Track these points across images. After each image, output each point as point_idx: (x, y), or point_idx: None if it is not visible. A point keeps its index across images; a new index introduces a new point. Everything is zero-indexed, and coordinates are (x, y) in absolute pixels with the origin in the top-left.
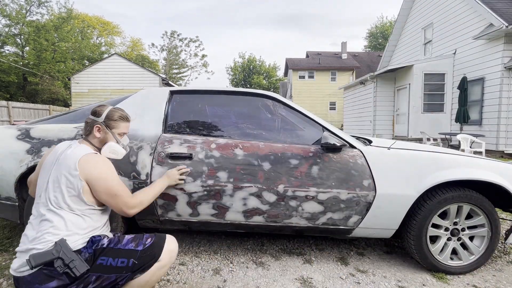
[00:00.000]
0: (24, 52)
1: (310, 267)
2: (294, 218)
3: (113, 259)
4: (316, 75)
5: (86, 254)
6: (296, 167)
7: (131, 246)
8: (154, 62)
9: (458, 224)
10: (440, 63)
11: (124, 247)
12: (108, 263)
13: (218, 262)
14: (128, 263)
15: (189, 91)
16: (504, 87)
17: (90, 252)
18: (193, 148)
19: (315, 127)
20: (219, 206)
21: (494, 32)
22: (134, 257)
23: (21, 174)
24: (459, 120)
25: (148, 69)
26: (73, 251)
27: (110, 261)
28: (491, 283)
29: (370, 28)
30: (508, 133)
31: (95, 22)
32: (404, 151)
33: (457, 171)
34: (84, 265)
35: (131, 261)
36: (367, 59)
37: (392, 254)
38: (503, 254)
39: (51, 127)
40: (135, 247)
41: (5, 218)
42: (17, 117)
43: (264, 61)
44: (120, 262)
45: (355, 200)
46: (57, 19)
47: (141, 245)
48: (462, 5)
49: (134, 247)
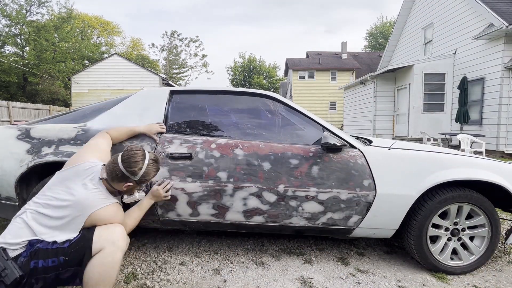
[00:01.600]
0: (24, 52)
1: (310, 267)
2: (294, 218)
3: (44, 260)
4: (316, 75)
5: (22, 259)
6: (296, 167)
7: (57, 245)
8: (154, 62)
9: (458, 224)
10: (440, 63)
11: (51, 246)
12: (40, 265)
13: (218, 262)
14: (60, 261)
15: (189, 91)
16: (504, 87)
17: (25, 256)
18: (193, 148)
19: (315, 127)
20: (219, 206)
21: (494, 32)
22: (63, 254)
23: (21, 174)
24: (459, 120)
25: (148, 69)
26: (8, 259)
27: (41, 262)
28: (491, 283)
29: (370, 28)
30: (508, 133)
31: (95, 22)
32: (404, 151)
33: (457, 171)
34: (14, 272)
35: (61, 258)
36: (367, 59)
37: (392, 254)
38: (503, 254)
39: (51, 127)
40: (61, 244)
41: (5, 218)
42: (17, 117)
43: (264, 61)
44: (51, 261)
45: (355, 200)
46: (57, 19)
47: (67, 242)
48: (462, 5)
49: (60, 245)
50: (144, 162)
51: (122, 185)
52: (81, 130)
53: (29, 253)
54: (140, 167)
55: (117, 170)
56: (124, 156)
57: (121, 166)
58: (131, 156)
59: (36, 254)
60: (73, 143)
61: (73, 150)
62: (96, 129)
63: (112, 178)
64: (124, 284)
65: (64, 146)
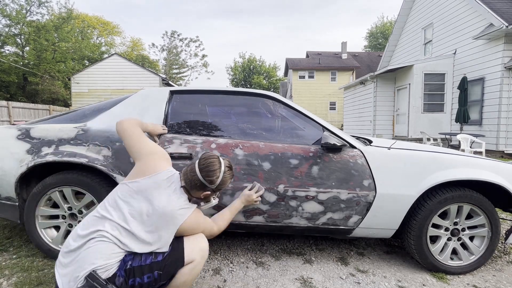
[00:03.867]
0: (24, 52)
1: (310, 267)
2: (294, 218)
3: (140, 278)
4: (316, 75)
5: (120, 279)
6: (296, 167)
7: (150, 259)
8: (154, 62)
9: (458, 224)
10: (440, 63)
11: (145, 262)
12: (136, 283)
13: (218, 262)
14: (154, 276)
15: (189, 91)
16: (504, 87)
17: (122, 276)
18: (193, 148)
19: (315, 127)
20: (219, 206)
21: (494, 32)
22: (157, 268)
23: (21, 174)
24: (459, 120)
25: (148, 69)
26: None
27: (138, 280)
28: (491, 283)
29: (370, 28)
30: (508, 133)
31: (95, 22)
32: (404, 151)
33: (457, 171)
34: None
35: (156, 273)
36: (367, 59)
37: (392, 254)
38: (503, 254)
39: (51, 127)
40: (154, 258)
41: (5, 218)
42: (17, 117)
43: (264, 61)
44: (146, 278)
45: (355, 200)
46: (57, 19)
47: (160, 255)
48: (462, 5)
49: (154, 259)
50: (221, 170)
51: (200, 194)
52: (81, 130)
53: (123, 271)
54: (217, 175)
55: (196, 179)
56: (202, 165)
57: (199, 175)
58: (209, 165)
59: (132, 272)
60: (73, 143)
61: (73, 150)
62: (96, 129)
63: (191, 187)
64: None
65: (64, 146)
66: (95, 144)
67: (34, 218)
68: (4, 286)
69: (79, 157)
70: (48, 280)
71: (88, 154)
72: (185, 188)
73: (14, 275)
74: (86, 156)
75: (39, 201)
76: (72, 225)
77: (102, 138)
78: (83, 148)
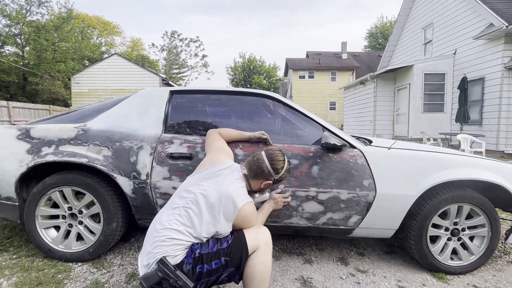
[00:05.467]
0: (24, 52)
1: (310, 267)
2: (294, 218)
3: (208, 264)
4: (316, 75)
5: (188, 266)
6: (296, 167)
7: (217, 247)
8: (154, 62)
9: (458, 224)
10: (440, 63)
11: (211, 249)
12: (204, 269)
13: None
14: (222, 262)
15: (189, 91)
16: (504, 87)
17: (190, 263)
18: (193, 148)
19: (315, 127)
20: None
21: (494, 32)
22: (224, 255)
23: (21, 174)
24: (459, 120)
25: (148, 69)
26: (176, 270)
27: (206, 267)
28: (491, 283)
29: (370, 28)
30: (508, 133)
31: (95, 22)
32: (405, 151)
33: (457, 171)
34: (187, 283)
35: (223, 259)
36: (367, 59)
37: (392, 254)
38: (503, 254)
39: (51, 127)
40: (220, 246)
41: (5, 218)
42: (17, 117)
43: (264, 61)
44: (214, 264)
45: (356, 200)
46: (57, 19)
47: (225, 242)
48: (462, 5)
49: (220, 246)
50: (285, 162)
51: (261, 183)
52: (81, 130)
53: (191, 259)
54: (282, 166)
55: (263, 167)
56: (269, 154)
57: (267, 163)
58: (277, 155)
59: (200, 259)
60: (73, 143)
61: (73, 150)
62: (96, 129)
63: (255, 175)
64: (125, 284)
65: (64, 146)
66: (95, 144)
67: (34, 218)
68: (4, 286)
69: (79, 157)
70: (48, 280)
71: (88, 154)
72: (246, 177)
73: (14, 275)
74: (86, 156)
75: (39, 201)
76: (72, 225)
77: (102, 138)
78: (83, 148)
